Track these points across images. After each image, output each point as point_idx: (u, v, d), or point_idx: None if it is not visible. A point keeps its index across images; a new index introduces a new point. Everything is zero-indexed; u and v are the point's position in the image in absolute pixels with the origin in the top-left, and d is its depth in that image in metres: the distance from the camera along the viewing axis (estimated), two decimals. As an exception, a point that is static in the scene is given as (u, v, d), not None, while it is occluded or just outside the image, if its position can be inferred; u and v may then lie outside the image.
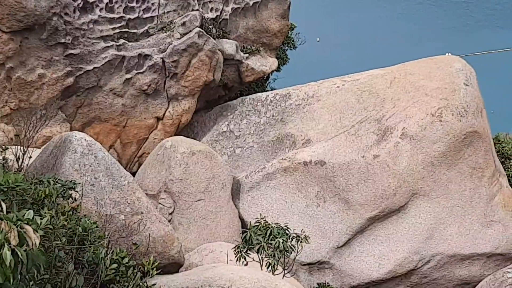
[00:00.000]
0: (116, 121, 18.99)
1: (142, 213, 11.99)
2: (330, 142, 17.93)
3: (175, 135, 19.33)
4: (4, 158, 9.55)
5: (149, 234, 11.50)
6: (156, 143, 19.08)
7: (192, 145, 17.37)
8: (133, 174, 17.19)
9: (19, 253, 4.67)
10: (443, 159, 17.27)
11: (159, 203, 16.74)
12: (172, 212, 16.73)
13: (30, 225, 4.95)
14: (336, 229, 17.36)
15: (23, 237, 4.77)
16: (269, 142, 19.16)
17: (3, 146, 9.91)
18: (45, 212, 6.87)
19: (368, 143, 17.66)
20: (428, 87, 18.06)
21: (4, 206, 5.20)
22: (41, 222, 5.46)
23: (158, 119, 19.61)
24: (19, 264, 4.71)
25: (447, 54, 21.90)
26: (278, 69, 23.37)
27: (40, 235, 5.04)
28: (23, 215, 5.15)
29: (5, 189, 5.88)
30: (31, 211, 5.33)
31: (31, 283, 5.94)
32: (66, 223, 7.82)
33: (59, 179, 9.62)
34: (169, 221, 15.67)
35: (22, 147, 11.74)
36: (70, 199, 9.30)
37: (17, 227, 4.77)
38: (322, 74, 22.93)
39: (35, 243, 4.85)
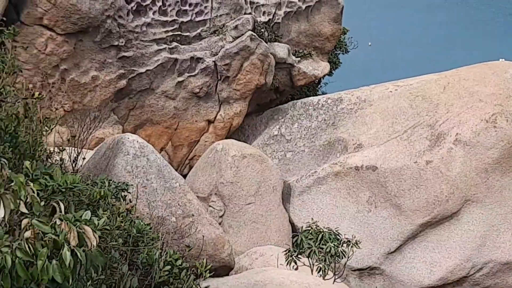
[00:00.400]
0: (168, 124, 19.09)
1: (193, 215, 12.02)
2: (382, 147, 17.78)
3: (226, 138, 19.36)
4: (61, 159, 9.66)
5: (201, 236, 11.53)
6: (207, 146, 19.12)
7: (243, 149, 17.36)
8: (184, 176, 17.22)
9: (78, 254, 4.70)
10: (497, 166, 17.01)
11: (210, 206, 16.77)
12: (223, 215, 16.75)
13: (88, 226, 4.98)
14: (388, 235, 17.19)
15: (82, 238, 4.80)
16: (320, 146, 19.08)
17: (61, 147, 10.01)
18: (102, 213, 6.91)
19: (420, 148, 17.47)
20: (482, 92, 17.83)
21: (62, 206, 5.24)
22: (98, 223, 5.50)
23: (209, 122, 19.66)
24: (78, 264, 4.75)
25: (500, 60, 21.57)
26: (330, 73, 23.30)
27: (98, 236, 5.07)
28: (81, 216, 5.18)
29: (63, 190, 5.93)
30: (89, 212, 5.36)
31: (88, 283, 5.98)
32: (121, 224, 7.88)
33: (112, 181, 9.70)
34: (219, 224, 15.68)
35: (76, 148, 11.88)
36: (124, 200, 9.36)
37: (76, 227, 4.80)
38: (374, 79, 22.83)
39: (94, 244, 4.87)
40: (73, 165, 11.27)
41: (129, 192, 9.83)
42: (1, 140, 5.78)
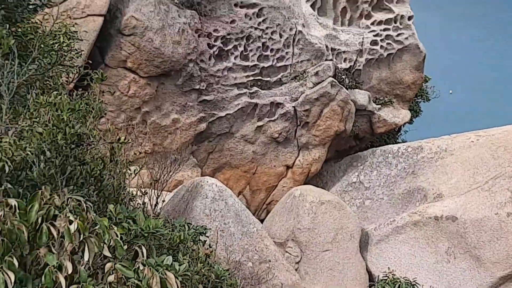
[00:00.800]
0: (246, 168, 19.14)
1: (270, 261, 11.95)
2: (463, 197, 17.42)
3: (304, 184, 19.28)
4: (143, 203, 9.74)
5: (278, 282, 11.43)
6: (285, 191, 19.08)
7: (321, 195, 17.23)
8: (261, 221, 17.19)
9: (160, 300, 4.70)
10: None
11: (286, 252, 16.65)
12: (299, 261, 16.60)
13: (170, 271, 4.98)
14: (466, 287, 16.76)
15: (164, 284, 4.80)
16: (400, 195, 18.81)
17: (143, 191, 10.10)
18: (182, 258, 6.91)
19: (502, 200, 17.04)
20: None
21: (144, 251, 5.25)
22: (179, 269, 5.49)
23: (288, 167, 19.64)
24: (159, 310, 4.74)
25: None
26: (410, 121, 23.08)
27: (179, 282, 5.06)
28: (163, 261, 5.19)
29: (146, 234, 5.96)
30: (170, 257, 5.37)
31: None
32: (201, 269, 7.86)
33: (191, 224, 9.72)
34: (296, 270, 15.55)
35: (156, 191, 11.96)
36: (202, 244, 9.35)
37: (158, 273, 4.80)
38: (455, 127, 22.48)
39: (175, 290, 4.86)
40: (154, 208, 11.35)
41: (207, 236, 9.83)
42: (86, 183, 5.87)
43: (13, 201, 4.94)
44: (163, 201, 12.16)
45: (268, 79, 19.16)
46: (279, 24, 18.98)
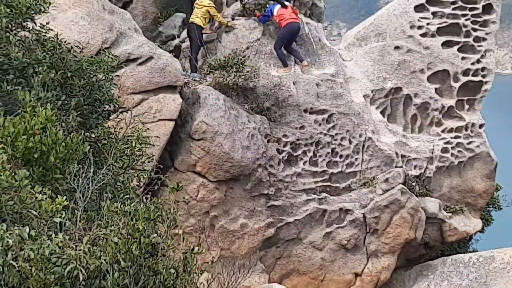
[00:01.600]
0: (314, 275, 18.88)
1: None
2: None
3: (373, 292, 18.95)
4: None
5: None
6: (353, 299, 18.77)
7: (390, 305, 16.88)
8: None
9: None
10: None
11: None
12: None
13: None
14: None
15: None
16: (471, 306, 18.29)
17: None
18: None
19: None
20: None
21: None
22: None
23: (357, 275, 19.32)
24: None
25: None
26: (481, 230, 22.60)
27: None
28: None
29: None
30: None
31: None
32: None
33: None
34: None
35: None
36: None
37: None
38: (528, 237, 21.98)
39: None
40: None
41: None
42: (159, 295, 5.80)
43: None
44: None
45: (337, 185, 19.08)
46: (349, 130, 19.02)
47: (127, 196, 7.49)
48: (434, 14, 20.49)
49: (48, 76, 7.79)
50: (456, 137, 20.70)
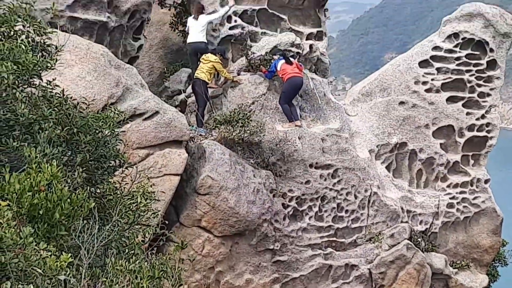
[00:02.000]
0: (323, 330, 18.72)
1: None
2: None
3: None
4: None
5: None
6: None
7: None
8: None
9: None
10: None
11: None
12: None
13: None
14: None
15: None
16: None
17: None
18: None
19: None
20: None
21: None
22: None
23: (364, 328, 19.17)
24: None
25: None
26: (488, 285, 22.43)
27: None
28: None
29: None
30: None
31: None
32: None
33: None
34: None
35: None
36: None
37: None
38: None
39: None
40: None
41: None
42: None
43: None
44: None
45: (343, 240, 19.00)
46: (354, 185, 19.01)
47: (132, 252, 7.46)
48: (438, 69, 20.63)
49: (54, 132, 7.81)
50: (461, 193, 20.68)
